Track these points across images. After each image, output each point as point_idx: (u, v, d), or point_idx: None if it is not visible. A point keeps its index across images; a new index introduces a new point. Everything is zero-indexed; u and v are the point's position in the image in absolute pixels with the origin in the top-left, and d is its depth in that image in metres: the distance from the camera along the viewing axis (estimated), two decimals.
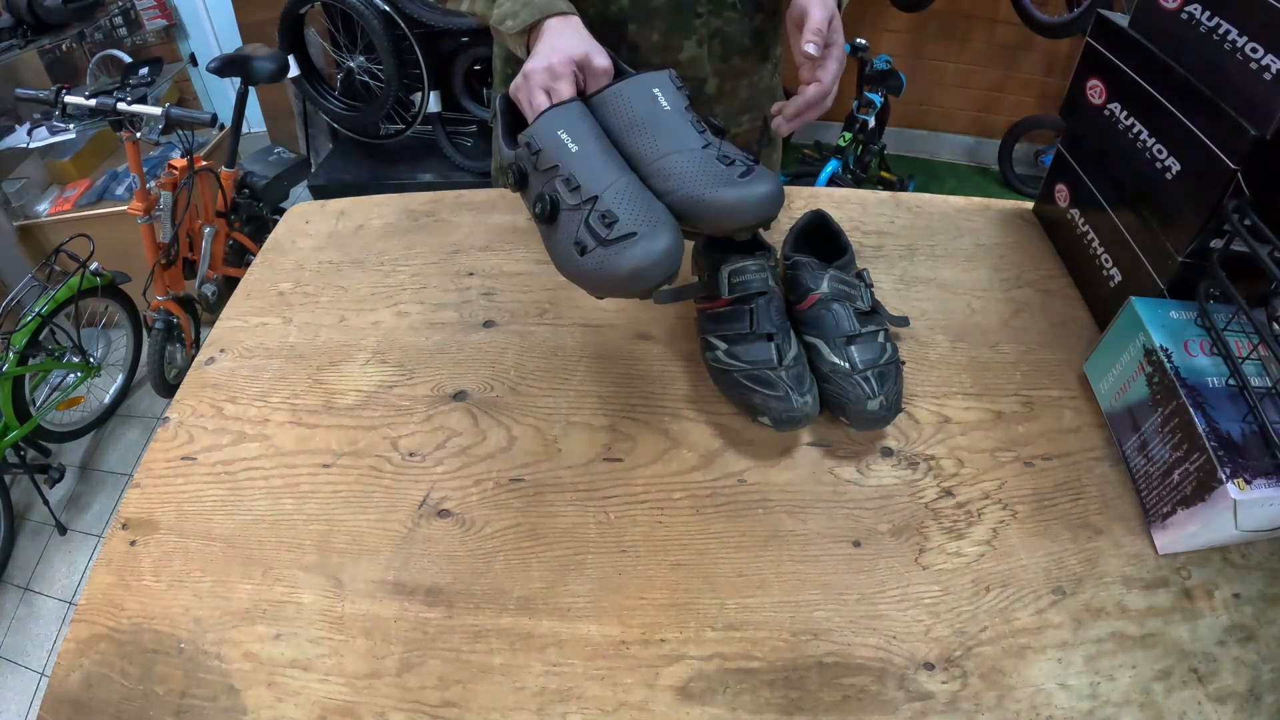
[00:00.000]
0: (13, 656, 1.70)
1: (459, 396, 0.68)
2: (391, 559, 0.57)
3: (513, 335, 0.74)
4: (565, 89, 0.58)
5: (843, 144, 2.40)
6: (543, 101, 0.58)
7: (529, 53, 0.64)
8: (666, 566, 0.56)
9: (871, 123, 2.38)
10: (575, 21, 0.64)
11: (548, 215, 0.53)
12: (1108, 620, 0.53)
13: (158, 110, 1.70)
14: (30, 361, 1.84)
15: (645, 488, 0.61)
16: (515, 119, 0.65)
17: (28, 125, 2.26)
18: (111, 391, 2.21)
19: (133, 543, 0.60)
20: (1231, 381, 0.55)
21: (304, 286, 0.81)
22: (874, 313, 0.66)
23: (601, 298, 0.53)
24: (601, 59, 0.61)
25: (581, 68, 0.60)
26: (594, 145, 0.54)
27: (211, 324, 0.79)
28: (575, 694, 0.50)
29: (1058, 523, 0.58)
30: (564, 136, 0.54)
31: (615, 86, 0.59)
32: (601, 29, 0.68)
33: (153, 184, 1.87)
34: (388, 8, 2.31)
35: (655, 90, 0.58)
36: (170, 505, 0.62)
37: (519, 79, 0.60)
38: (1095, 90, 0.73)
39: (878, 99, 2.36)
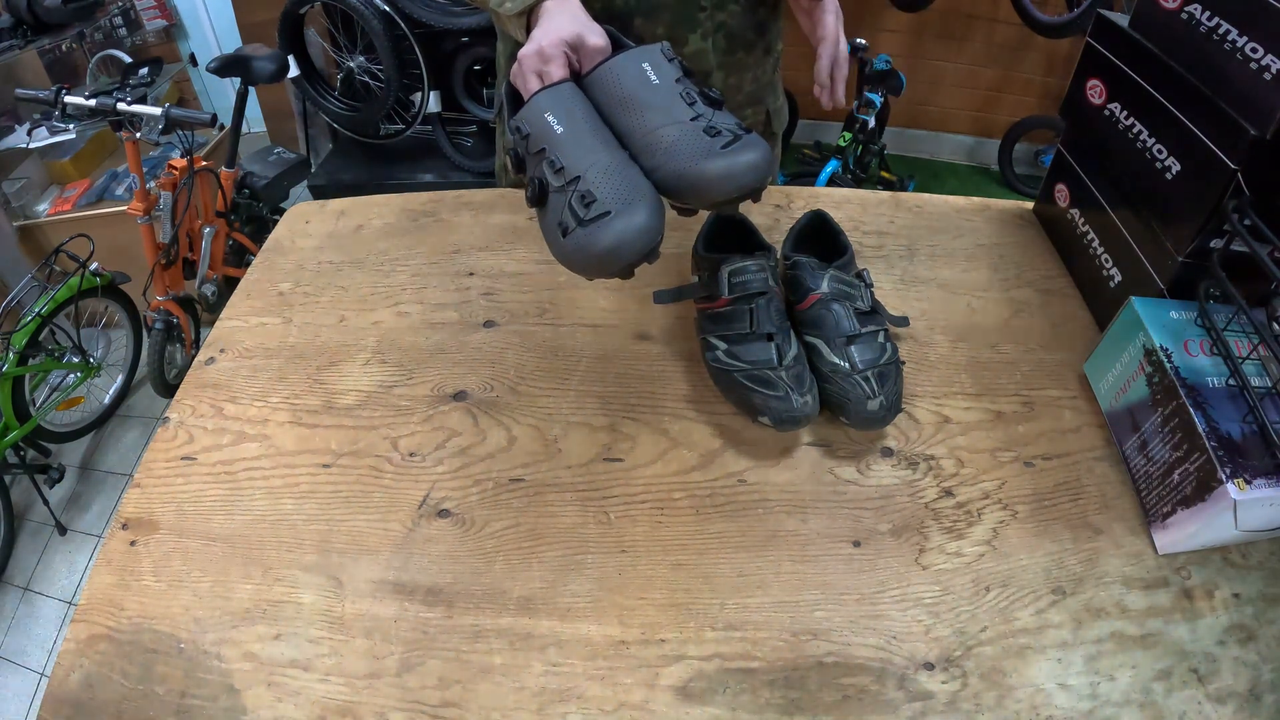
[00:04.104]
0: (13, 656, 1.70)
1: (459, 396, 0.68)
2: (391, 559, 0.57)
3: (513, 335, 0.74)
4: (556, 71, 0.58)
5: (843, 144, 2.40)
6: (535, 85, 0.58)
7: (529, 35, 0.64)
8: (666, 566, 0.56)
9: (871, 123, 2.37)
10: (572, 2, 0.64)
11: (537, 198, 0.54)
12: (1108, 620, 0.53)
13: (158, 110, 1.70)
14: (30, 361, 1.84)
15: (645, 488, 0.61)
16: (519, 107, 0.65)
17: (28, 125, 2.25)
18: (111, 391, 2.20)
19: (133, 543, 0.60)
20: (1231, 381, 0.55)
21: (304, 286, 0.81)
22: (874, 313, 0.66)
23: (591, 278, 0.54)
24: (595, 37, 0.61)
25: (574, 48, 0.60)
26: (580, 125, 0.54)
27: (211, 324, 0.79)
28: (575, 694, 0.50)
29: (1058, 523, 0.58)
30: (550, 119, 0.54)
31: (606, 64, 0.59)
32: (606, 23, 0.68)
33: (153, 184, 1.87)
34: (388, 8, 2.31)
35: (644, 65, 0.57)
36: (170, 505, 0.62)
37: (515, 66, 0.61)
38: (1095, 90, 0.73)
39: (878, 99, 2.36)
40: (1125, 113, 0.68)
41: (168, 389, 2.00)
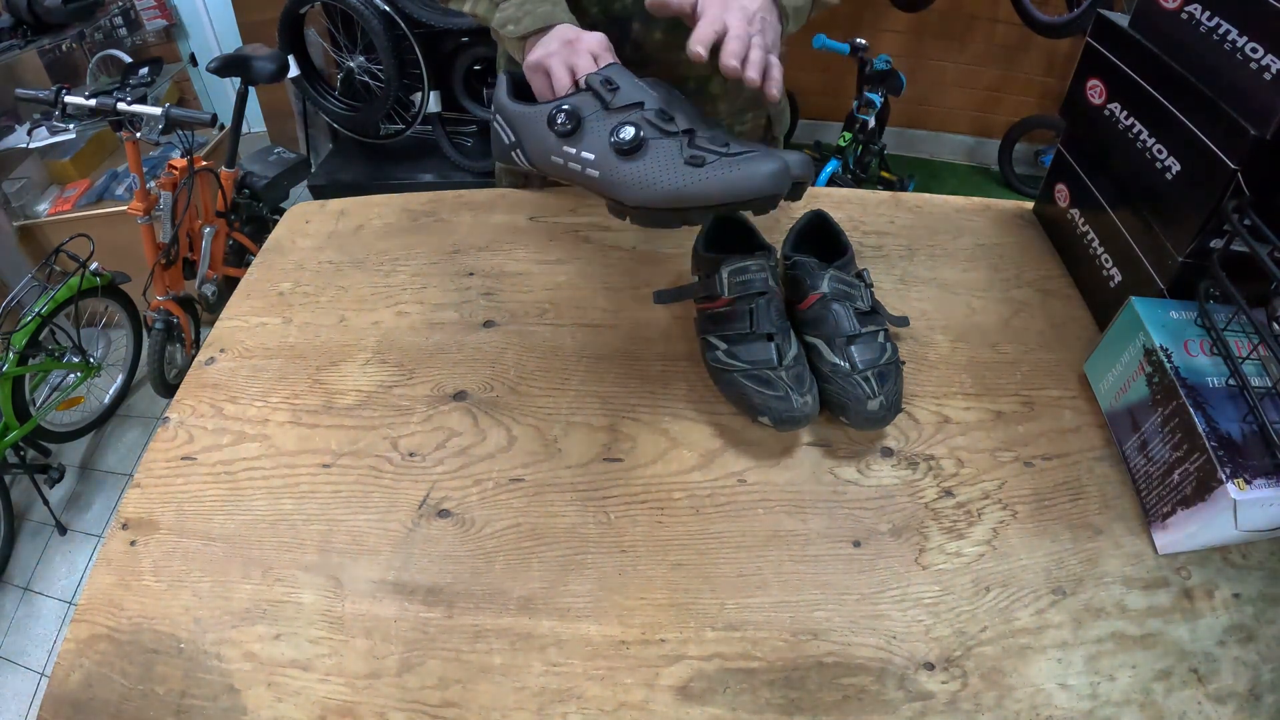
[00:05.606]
0: (13, 656, 1.70)
1: (459, 396, 0.68)
2: (391, 559, 0.57)
3: (513, 335, 0.74)
4: (587, 64, 0.62)
5: (843, 144, 2.40)
6: (587, 63, 0.62)
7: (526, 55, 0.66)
8: (666, 566, 0.56)
9: (871, 123, 2.37)
10: (575, 30, 0.67)
11: (636, 145, 0.55)
12: (1108, 620, 0.53)
13: (158, 110, 1.70)
14: (30, 361, 1.84)
15: (645, 488, 0.61)
16: (521, 94, 0.68)
17: (28, 125, 2.25)
18: (111, 391, 2.20)
19: (133, 543, 0.60)
20: (1231, 381, 0.55)
21: (304, 286, 0.81)
22: (874, 313, 0.66)
23: (705, 214, 0.54)
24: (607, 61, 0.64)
25: (595, 57, 0.64)
26: (662, 93, 0.59)
27: (211, 324, 0.79)
28: (575, 694, 0.50)
29: (1058, 523, 0.58)
30: (642, 82, 0.58)
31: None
32: (605, 28, 0.69)
33: (153, 184, 1.87)
34: (388, 8, 2.31)
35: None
36: (170, 505, 0.62)
37: (539, 53, 0.64)
38: (1095, 90, 0.73)
39: (878, 99, 2.36)
40: (1125, 113, 0.68)
41: (168, 389, 2.00)
